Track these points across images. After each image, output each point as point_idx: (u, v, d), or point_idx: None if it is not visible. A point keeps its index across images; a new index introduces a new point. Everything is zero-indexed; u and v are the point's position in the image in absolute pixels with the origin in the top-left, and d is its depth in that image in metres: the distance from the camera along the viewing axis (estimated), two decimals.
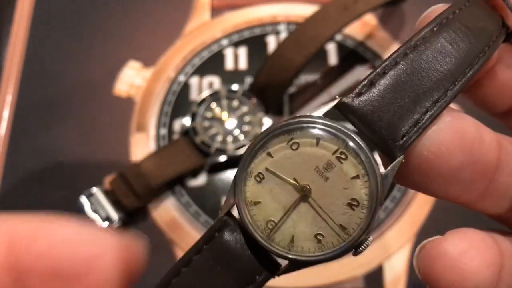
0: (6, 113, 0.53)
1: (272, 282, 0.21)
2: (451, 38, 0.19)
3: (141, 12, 0.58)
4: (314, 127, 0.19)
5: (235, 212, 0.20)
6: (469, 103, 0.23)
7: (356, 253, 0.19)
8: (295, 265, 0.19)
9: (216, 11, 0.58)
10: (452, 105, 0.20)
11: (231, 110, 0.51)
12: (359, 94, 0.19)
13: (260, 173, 0.19)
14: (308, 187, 0.19)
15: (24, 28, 0.57)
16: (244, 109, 0.51)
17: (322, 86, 0.54)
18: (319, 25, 0.49)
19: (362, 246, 0.19)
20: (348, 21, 0.49)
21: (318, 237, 0.19)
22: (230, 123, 0.50)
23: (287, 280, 0.45)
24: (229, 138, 0.50)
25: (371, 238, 0.19)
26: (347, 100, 0.19)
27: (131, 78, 0.54)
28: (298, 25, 0.50)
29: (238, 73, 0.54)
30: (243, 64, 0.55)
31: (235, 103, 0.51)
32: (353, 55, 0.55)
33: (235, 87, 0.52)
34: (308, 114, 0.19)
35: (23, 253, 0.14)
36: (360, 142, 0.19)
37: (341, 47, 0.55)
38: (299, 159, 0.19)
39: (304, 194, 0.19)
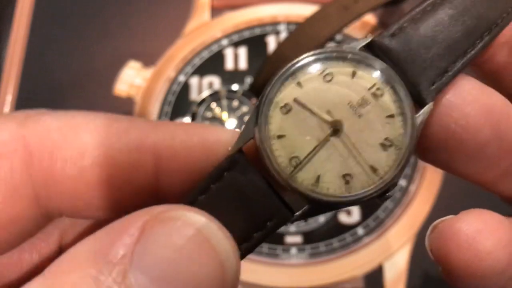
0: (6, 113, 0.53)
1: (271, 281, 0.20)
2: None
3: (141, 12, 0.58)
4: (351, 58, 0.17)
5: (247, 149, 0.18)
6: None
7: (382, 199, 0.18)
8: (317, 207, 0.17)
9: (216, 11, 0.58)
10: None
11: (231, 110, 0.51)
12: (393, 35, 0.18)
13: (287, 104, 0.17)
14: (340, 122, 0.17)
15: (24, 28, 0.57)
16: (244, 109, 0.51)
17: None
18: (319, 25, 0.49)
19: (389, 192, 0.17)
20: (348, 21, 0.49)
21: (347, 177, 0.17)
22: (230, 123, 0.50)
23: (287, 280, 0.45)
24: None
25: (399, 183, 0.17)
26: (381, 39, 0.18)
27: (131, 78, 0.54)
28: (298, 25, 0.50)
29: (238, 73, 0.54)
30: (243, 64, 0.55)
31: (235, 103, 0.51)
32: None
33: (235, 87, 0.52)
34: (341, 46, 0.18)
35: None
36: (399, 80, 0.17)
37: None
38: (331, 91, 0.17)
39: (335, 130, 0.17)
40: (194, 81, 0.54)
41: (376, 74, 0.17)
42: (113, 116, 0.18)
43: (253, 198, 0.17)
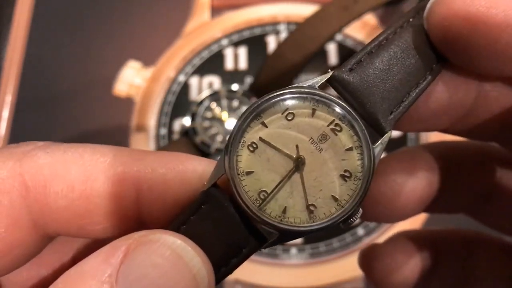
0: (6, 113, 0.53)
1: (271, 281, 0.20)
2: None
3: (141, 12, 0.58)
4: (310, 98, 0.19)
5: (222, 183, 0.19)
6: None
7: (345, 225, 0.19)
8: (285, 236, 0.19)
9: (216, 11, 0.58)
10: None
11: (231, 110, 0.51)
12: (351, 70, 0.19)
13: (253, 143, 0.19)
14: (302, 157, 0.19)
15: (24, 28, 0.57)
16: (244, 109, 0.51)
17: None
18: (319, 25, 0.49)
19: (352, 218, 0.19)
20: (348, 21, 0.49)
21: (311, 207, 0.18)
22: (230, 123, 0.50)
23: (287, 280, 0.45)
24: None
25: (361, 210, 0.19)
26: (340, 74, 0.19)
27: (131, 78, 0.54)
28: (298, 25, 0.50)
29: (238, 73, 0.54)
30: (243, 64, 0.55)
31: (235, 103, 0.51)
32: None
33: (235, 87, 0.52)
34: (302, 85, 0.19)
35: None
36: (355, 115, 0.19)
37: (341, 47, 0.55)
38: (294, 129, 0.19)
39: (298, 165, 0.19)
40: (194, 81, 0.54)
41: (334, 111, 0.19)
42: (100, 149, 0.20)
43: (228, 228, 0.19)
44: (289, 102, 0.19)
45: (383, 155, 0.23)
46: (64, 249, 0.23)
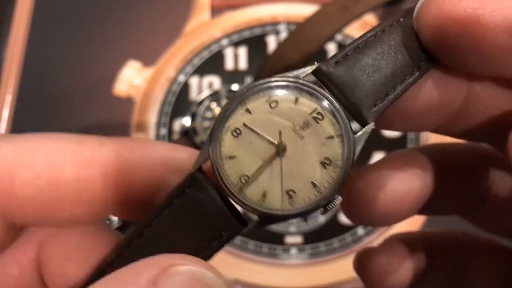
0: (5, 113, 0.53)
1: (271, 281, 0.20)
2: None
3: (141, 12, 0.58)
4: (294, 87, 0.20)
5: (206, 168, 0.20)
6: None
7: (324, 212, 0.20)
8: (265, 220, 0.20)
9: (216, 11, 0.58)
10: None
11: None
12: (337, 63, 0.20)
13: (237, 128, 0.19)
14: (283, 144, 0.19)
15: (24, 28, 0.57)
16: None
17: None
18: (319, 25, 0.49)
19: (330, 205, 0.19)
20: (348, 21, 0.49)
21: (290, 193, 0.19)
22: None
23: (287, 280, 0.45)
24: None
25: (340, 198, 0.19)
26: (325, 66, 0.19)
27: (131, 78, 0.54)
28: (298, 25, 0.50)
29: (238, 73, 0.54)
30: (243, 64, 0.55)
31: None
32: None
33: (235, 87, 0.52)
34: (288, 74, 0.20)
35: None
36: (337, 104, 0.19)
37: (341, 47, 0.55)
38: (277, 116, 0.19)
39: (279, 151, 0.19)
40: (194, 81, 0.54)
41: (317, 100, 0.19)
42: (65, 136, 0.20)
43: (211, 212, 0.19)
44: (274, 90, 0.20)
45: (379, 157, 0.23)
46: (28, 243, 0.22)
